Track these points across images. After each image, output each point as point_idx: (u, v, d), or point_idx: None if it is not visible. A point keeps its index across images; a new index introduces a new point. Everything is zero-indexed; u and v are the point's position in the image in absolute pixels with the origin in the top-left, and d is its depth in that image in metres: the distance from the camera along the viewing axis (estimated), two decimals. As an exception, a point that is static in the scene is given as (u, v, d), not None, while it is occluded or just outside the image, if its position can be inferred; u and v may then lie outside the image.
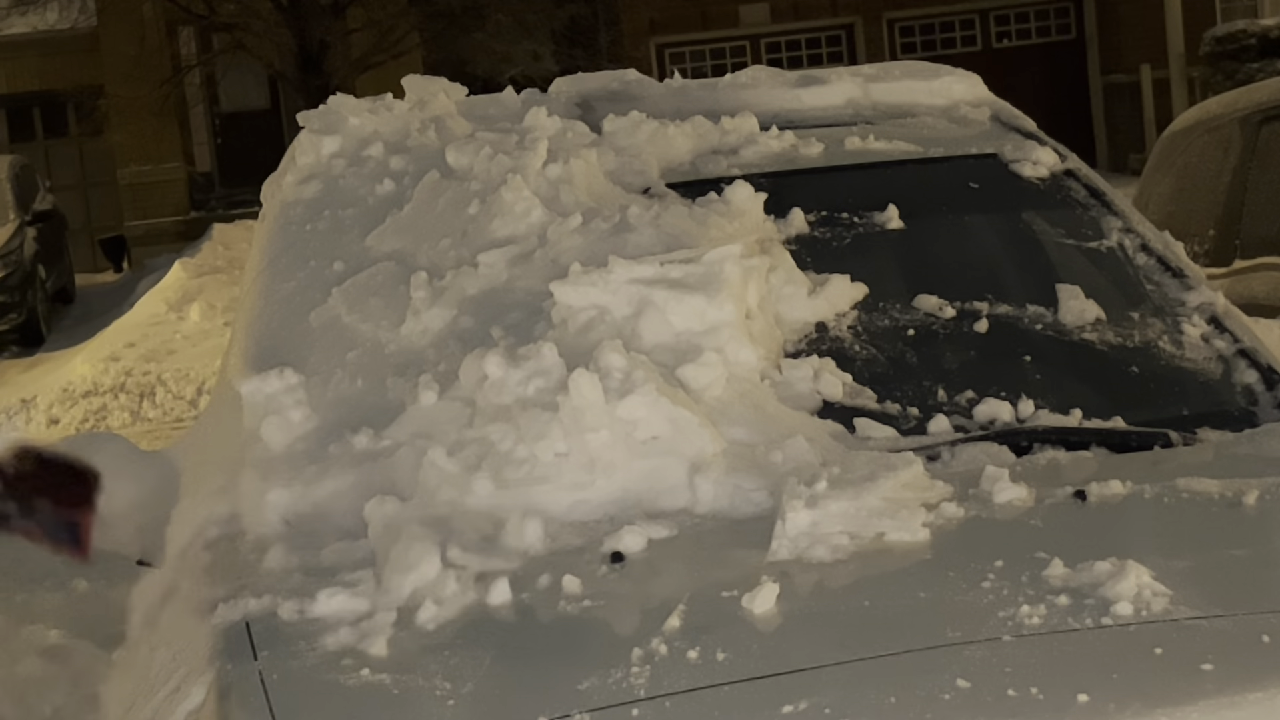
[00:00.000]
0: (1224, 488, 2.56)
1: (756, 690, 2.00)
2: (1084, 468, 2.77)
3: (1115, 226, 3.65)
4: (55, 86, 22.95)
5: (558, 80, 4.13)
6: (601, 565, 2.43)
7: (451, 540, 2.50)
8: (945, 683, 1.96)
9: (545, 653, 2.19)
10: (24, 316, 16.72)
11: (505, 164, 3.39)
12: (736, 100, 3.93)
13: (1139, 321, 3.38)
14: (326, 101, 3.97)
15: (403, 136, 3.77)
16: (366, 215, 3.53)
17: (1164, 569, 2.19)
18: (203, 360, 13.05)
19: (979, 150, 3.82)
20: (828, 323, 3.21)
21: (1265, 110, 6.35)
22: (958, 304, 3.33)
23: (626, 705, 1.99)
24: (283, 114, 23.15)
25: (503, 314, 3.08)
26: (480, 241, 3.25)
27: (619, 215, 3.22)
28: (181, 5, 20.57)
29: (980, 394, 3.05)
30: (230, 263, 16.13)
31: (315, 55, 19.02)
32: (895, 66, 4.30)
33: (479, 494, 2.65)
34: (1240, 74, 17.21)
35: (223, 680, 2.25)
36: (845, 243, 3.46)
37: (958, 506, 2.53)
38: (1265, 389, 3.22)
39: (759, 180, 3.46)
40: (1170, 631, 2.06)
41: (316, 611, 2.39)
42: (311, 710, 2.13)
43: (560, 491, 2.64)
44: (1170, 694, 1.91)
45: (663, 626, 2.17)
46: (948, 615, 2.15)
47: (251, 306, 3.45)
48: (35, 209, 18.22)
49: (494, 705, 2.06)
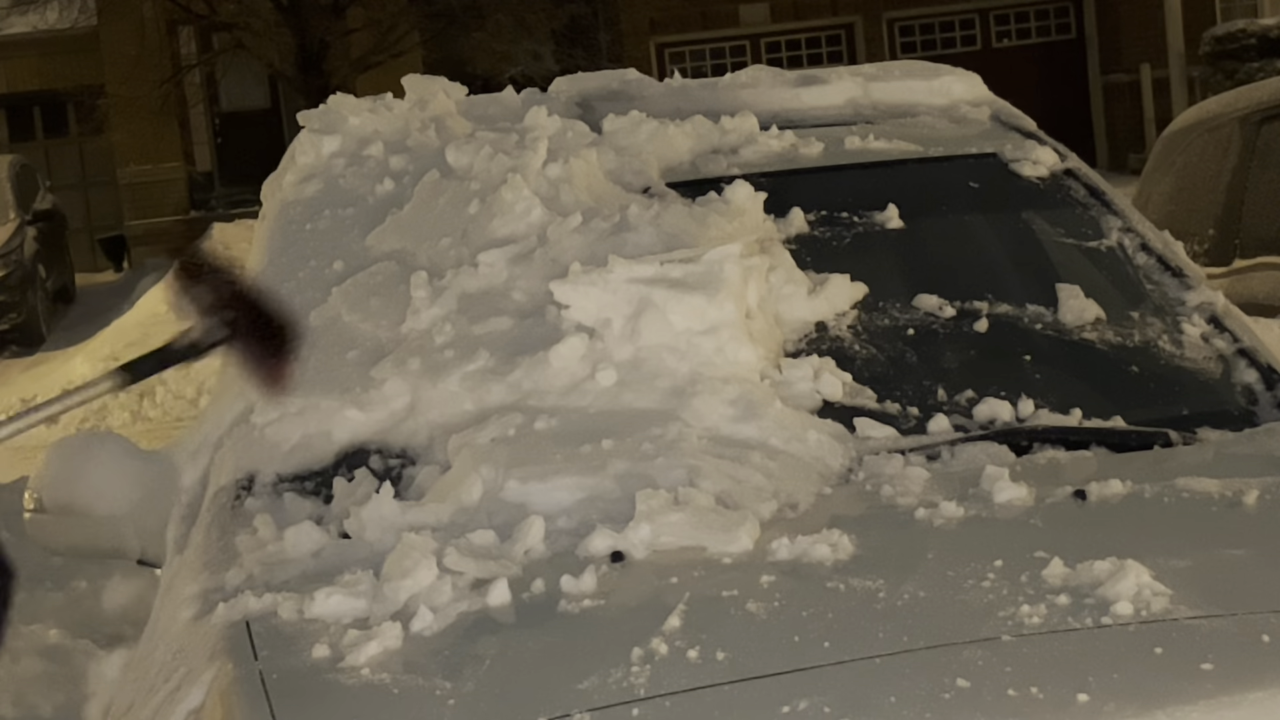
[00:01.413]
0: (1224, 487, 2.56)
1: (756, 690, 2.00)
2: (1084, 467, 2.77)
3: (1115, 226, 3.64)
4: (55, 86, 22.94)
5: (558, 80, 4.13)
6: (601, 565, 2.43)
7: (450, 543, 2.50)
8: (945, 682, 1.96)
9: (545, 653, 2.19)
10: (24, 316, 16.72)
11: (505, 163, 3.39)
12: (736, 100, 3.93)
13: (1139, 321, 3.38)
14: (326, 101, 3.97)
15: (403, 136, 3.77)
16: (366, 215, 3.52)
17: (1164, 569, 2.19)
18: (203, 360, 13.03)
19: (979, 150, 3.82)
20: (828, 322, 3.21)
21: (1265, 110, 6.35)
22: (958, 303, 3.33)
23: (626, 705, 1.99)
24: (283, 114, 23.14)
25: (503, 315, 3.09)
26: (480, 241, 3.25)
27: (619, 215, 3.22)
28: (181, 5, 20.58)
29: (980, 393, 3.05)
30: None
31: (315, 55, 19.03)
32: (895, 66, 4.30)
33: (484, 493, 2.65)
34: (1240, 74, 17.22)
35: (223, 680, 2.25)
36: (845, 242, 3.46)
37: (957, 506, 2.53)
38: (1265, 388, 3.22)
39: (759, 180, 3.45)
40: (1170, 631, 2.06)
41: (316, 611, 2.39)
42: (312, 710, 2.13)
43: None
44: (1170, 694, 1.91)
45: (663, 626, 2.17)
46: (948, 615, 2.15)
47: (251, 306, 3.45)
48: (35, 209, 18.23)
49: (494, 705, 2.05)
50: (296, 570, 2.60)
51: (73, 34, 22.42)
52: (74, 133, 24.46)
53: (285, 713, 2.11)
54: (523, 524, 2.54)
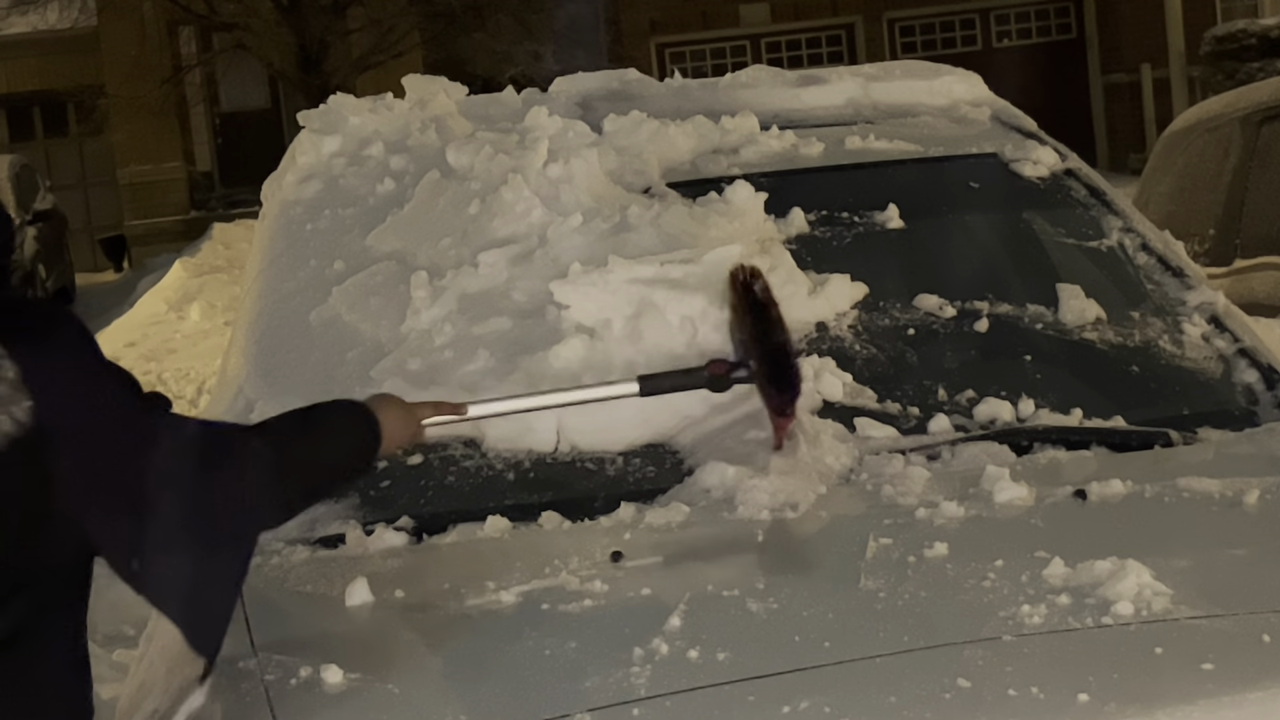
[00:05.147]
0: (1224, 487, 2.56)
1: (756, 690, 2.00)
2: (1084, 467, 2.77)
3: (1115, 226, 3.64)
4: (55, 86, 22.92)
5: (558, 80, 4.13)
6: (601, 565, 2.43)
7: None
8: (945, 682, 1.96)
9: (545, 653, 2.19)
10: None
11: (505, 164, 3.39)
12: (737, 100, 3.93)
13: (1139, 321, 3.38)
14: (327, 101, 3.97)
15: (403, 136, 3.76)
16: (367, 215, 3.52)
17: (1164, 568, 2.19)
18: (203, 360, 13.03)
19: (979, 150, 3.82)
20: (828, 322, 3.21)
21: (1265, 110, 6.35)
22: (958, 303, 3.33)
23: (626, 705, 1.99)
24: (283, 114, 23.13)
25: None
26: (480, 241, 3.25)
27: (619, 215, 3.22)
28: (182, 5, 20.57)
29: (980, 393, 3.05)
30: (230, 262, 16.11)
31: (315, 55, 19.02)
32: (895, 66, 4.31)
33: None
34: (1240, 74, 17.21)
35: (223, 681, 2.25)
36: (845, 242, 3.46)
37: (958, 506, 2.53)
38: (1265, 388, 3.22)
39: (759, 180, 3.45)
40: (1170, 631, 2.06)
41: (316, 611, 2.39)
42: (312, 710, 2.12)
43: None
44: (1170, 694, 1.91)
45: (663, 626, 2.17)
46: (948, 615, 2.15)
47: (252, 306, 3.45)
48: (35, 209, 18.21)
49: (494, 705, 2.05)
50: (298, 569, 2.60)
51: (73, 34, 22.42)
52: (74, 133, 24.45)
53: (286, 712, 2.11)
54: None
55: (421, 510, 2.83)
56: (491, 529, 2.70)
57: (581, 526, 2.69)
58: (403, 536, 2.72)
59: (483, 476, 2.89)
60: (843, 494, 2.72)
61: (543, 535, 2.67)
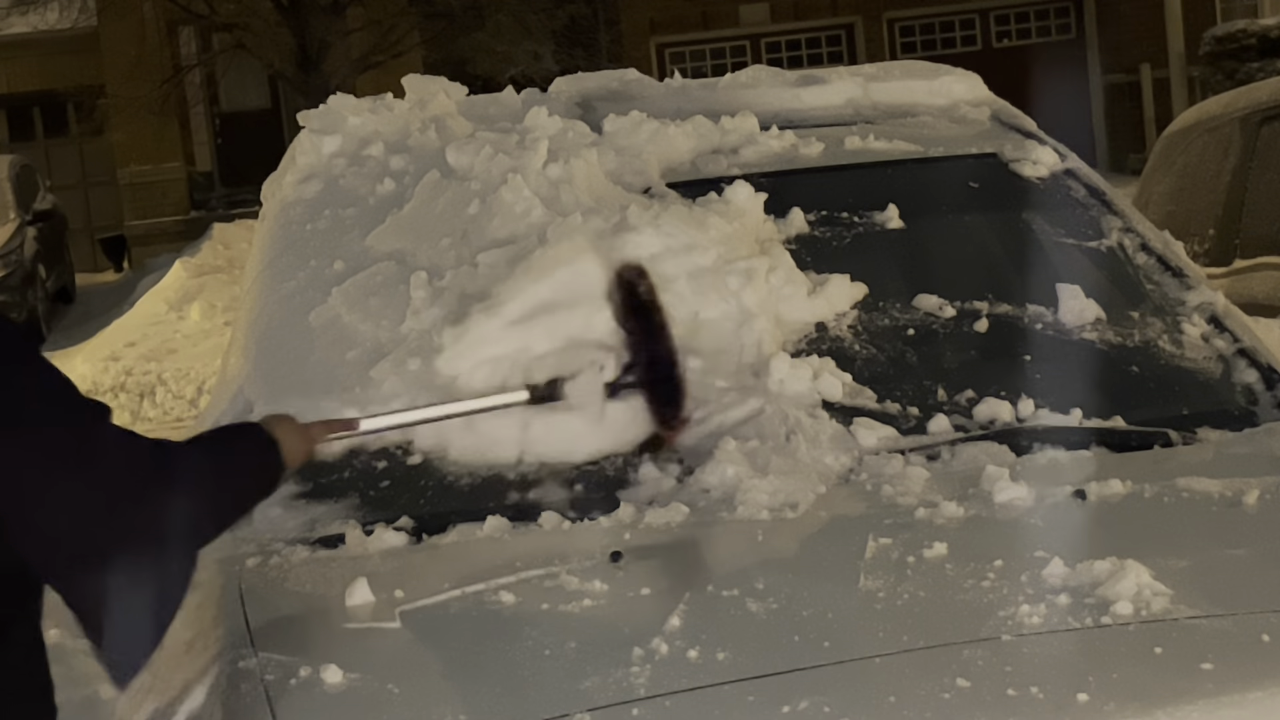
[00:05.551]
0: (1224, 487, 2.56)
1: (756, 690, 2.00)
2: (1084, 467, 2.77)
3: (1115, 226, 3.64)
4: (55, 86, 22.91)
5: (558, 80, 4.13)
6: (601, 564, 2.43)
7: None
8: (945, 682, 1.96)
9: (545, 653, 2.19)
10: (24, 316, 16.71)
11: (505, 164, 3.39)
12: (736, 100, 3.93)
13: (1139, 321, 3.38)
14: (327, 101, 3.97)
15: (403, 136, 3.77)
16: (367, 215, 3.52)
17: (1163, 568, 2.19)
18: (203, 360, 13.03)
19: (979, 150, 3.82)
20: (828, 323, 3.21)
21: (1265, 110, 6.35)
22: (958, 303, 3.33)
23: (626, 705, 1.99)
24: (283, 114, 23.12)
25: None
26: (480, 241, 3.25)
27: (619, 215, 3.22)
28: (181, 5, 20.54)
29: (980, 393, 3.05)
30: (230, 262, 16.10)
31: (315, 55, 19.00)
32: (895, 66, 4.31)
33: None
34: (1240, 74, 17.20)
35: (223, 680, 2.25)
36: (845, 242, 3.46)
37: (957, 506, 2.53)
38: (1265, 388, 3.22)
39: (759, 180, 3.46)
40: (1170, 631, 2.06)
41: (317, 611, 2.39)
42: (312, 710, 2.13)
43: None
44: (1170, 694, 1.91)
45: (663, 626, 2.17)
46: (948, 615, 2.15)
47: (252, 306, 3.45)
48: (35, 209, 18.20)
49: (494, 705, 2.05)
50: (297, 569, 2.60)
51: (73, 34, 22.40)
52: (74, 133, 24.44)
53: (286, 713, 2.11)
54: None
55: (421, 510, 2.83)
56: (491, 529, 2.71)
57: (581, 526, 2.69)
58: (402, 536, 2.73)
59: (482, 476, 2.89)
60: (842, 494, 2.72)
61: (543, 535, 2.67)
